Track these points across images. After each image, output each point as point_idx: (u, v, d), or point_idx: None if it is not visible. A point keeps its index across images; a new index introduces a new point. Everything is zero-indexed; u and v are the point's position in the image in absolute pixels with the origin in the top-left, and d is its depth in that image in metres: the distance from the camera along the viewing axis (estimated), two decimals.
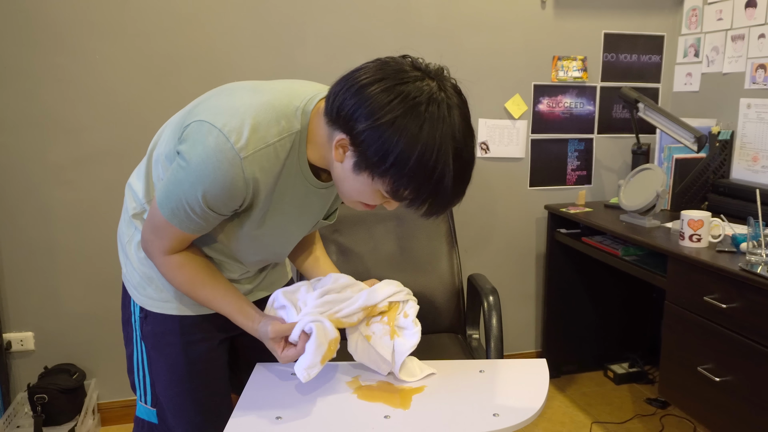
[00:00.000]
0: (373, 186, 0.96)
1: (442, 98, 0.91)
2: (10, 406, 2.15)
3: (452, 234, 2.19)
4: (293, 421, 1.02)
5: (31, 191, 2.17)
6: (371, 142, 0.90)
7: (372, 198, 0.99)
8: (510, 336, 2.78)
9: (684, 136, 2.24)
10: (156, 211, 1.04)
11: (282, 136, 0.99)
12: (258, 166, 0.97)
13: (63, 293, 2.25)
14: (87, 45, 2.13)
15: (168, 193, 1.00)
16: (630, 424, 2.36)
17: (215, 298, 1.12)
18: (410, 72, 0.92)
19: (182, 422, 1.22)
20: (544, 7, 2.53)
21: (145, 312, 1.20)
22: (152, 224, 1.06)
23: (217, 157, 0.94)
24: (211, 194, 0.97)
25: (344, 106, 0.93)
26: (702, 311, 1.78)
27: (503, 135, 2.58)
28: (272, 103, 1.00)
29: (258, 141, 0.96)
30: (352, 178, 0.97)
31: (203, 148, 0.95)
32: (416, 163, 0.89)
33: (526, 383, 1.14)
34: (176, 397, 1.21)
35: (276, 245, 1.17)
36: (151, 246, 1.09)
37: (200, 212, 1.00)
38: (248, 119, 0.96)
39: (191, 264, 1.10)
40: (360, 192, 0.99)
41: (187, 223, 1.02)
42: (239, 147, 0.94)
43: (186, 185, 0.97)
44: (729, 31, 2.43)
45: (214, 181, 0.95)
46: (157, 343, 1.20)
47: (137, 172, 1.18)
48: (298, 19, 2.30)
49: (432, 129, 0.89)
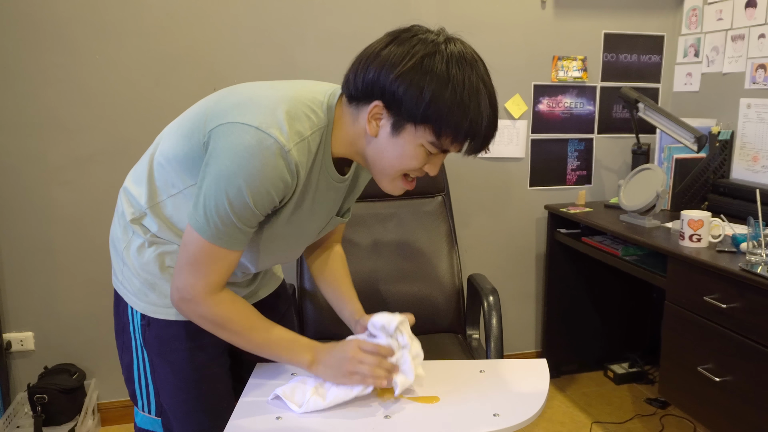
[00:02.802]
0: (416, 140, 0.97)
1: (454, 39, 0.98)
2: (10, 406, 2.15)
3: (452, 234, 2.19)
4: (293, 422, 1.02)
5: (31, 191, 2.17)
6: (404, 90, 0.94)
7: (415, 156, 0.99)
8: (510, 336, 2.78)
9: (684, 136, 2.24)
10: (193, 245, 1.00)
11: (313, 130, 1.00)
12: (301, 158, 0.98)
13: (63, 293, 2.25)
14: (87, 45, 2.13)
15: (207, 212, 0.97)
16: (630, 424, 2.36)
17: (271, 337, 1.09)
18: (417, 29, 0.98)
19: (190, 428, 1.18)
20: (544, 7, 2.53)
21: (148, 319, 1.15)
22: (191, 262, 1.01)
23: (264, 154, 0.93)
24: (258, 192, 0.95)
25: (367, 75, 0.96)
26: (702, 311, 1.78)
27: (503, 135, 2.58)
28: (298, 98, 1.01)
29: (295, 135, 0.97)
30: (393, 143, 0.99)
31: (244, 148, 0.93)
32: (451, 97, 0.93)
33: (527, 383, 1.14)
34: (184, 404, 1.17)
35: (292, 245, 1.15)
36: (192, 290, 1.02)
37: (250, 217, 0.98)
38: (281, 114, 0.96)
39: (239, 302, 1.07)
40: (402, 155, 0.99)
41: (235, 237, 0.99)
42: (283, 141, 0.94)
43: (232, 191, 0.94)
44: (729, 31, 2.43)
45: (263, 177, 0.94)
46: (161, 350, 1.16)
47: (134, 177, 1.16)
48: (298, 19, 2.30)
49: (457, 64, 0.94)
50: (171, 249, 1.13)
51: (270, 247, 1.11)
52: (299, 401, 1.05)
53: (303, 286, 2.06)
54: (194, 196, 1.00)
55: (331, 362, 1.09)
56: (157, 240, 1.13)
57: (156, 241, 1.13)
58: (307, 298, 2.05)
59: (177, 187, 1.09)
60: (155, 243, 1.13)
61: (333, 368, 1.08)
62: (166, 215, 1.12)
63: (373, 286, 2.06)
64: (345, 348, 1.09)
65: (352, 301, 1.28)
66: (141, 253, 1.13)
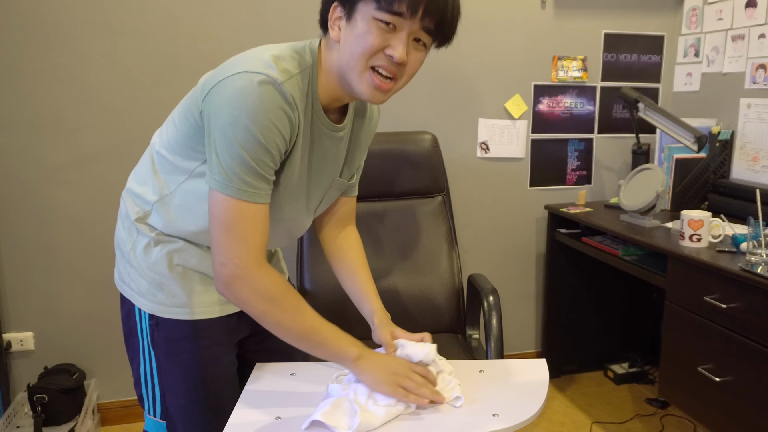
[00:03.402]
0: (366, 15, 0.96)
1: None
2: (9, 406, 2.15)
3: (452, 234, 2.19)
4: (293, 421, 1.02)
5: (31, 191, 2.17)
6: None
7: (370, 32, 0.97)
8: (510, 336, 2.78)
9: (684, 136, 2.24)
10: (220, 208, 0.98)
11: (302, 68, 1.02)
12: (295, 91, 0.99)
13: (63, 293, 2.25)
14: (87, 45, 2.13)
15: (225, 166, 0.96)
16: (630, 424, 2.36)
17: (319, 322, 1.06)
18: None
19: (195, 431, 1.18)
20: (544, 7, 2.53)
21: (156, 319, 1.14)
22: (224, 228, 0.98)
23: (257, 91, 0.94)
24: (265, 125, 0.95)
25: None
26: (702, 311, 1.78)
27: (503, 135, 2.58)
28: (280, 46, 1.03)
29: (283, 72, 0.98)
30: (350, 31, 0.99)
31: (238, 90, 0.94)
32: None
33: (526, 383, 1.14)
34: (190, 405, 1.17)
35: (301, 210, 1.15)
36: (240, 262, 0.98)
37: (266, 157, 0.97)
38: (267, 56, 0.98)
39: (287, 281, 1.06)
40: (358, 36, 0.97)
41: (259, 186, 0.98)
42: (273, 75, 0.96)
43: (241, 135, 0.94)
44: (729, 31, 2.43)
45: (265, 110, 0.94)
46: (169, 350, 1.15)
47: (137, 177, 1.16)
48: (298, 19, 2.30)
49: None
50: (177, 247, 1.13)
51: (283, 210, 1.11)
52: (347, 423, 0.98)
53: (303, 286, 2.06)
54: (208, 161, 0.99)
55: (380, 365, 1.06)
56: (163, 238, 1.13)
57: (162, 240, 1.13)
58: (307, 298, 2.04)
59: (184, 173, 1.09)
60: (161, 242, 1.13)
61: (380, 372, 1.05)
62: (172, 209, 1.12)
63: None
64: (398, 362, 1.08)
65: (371, 298, 1.27)
66: (147, 254, 1.13)
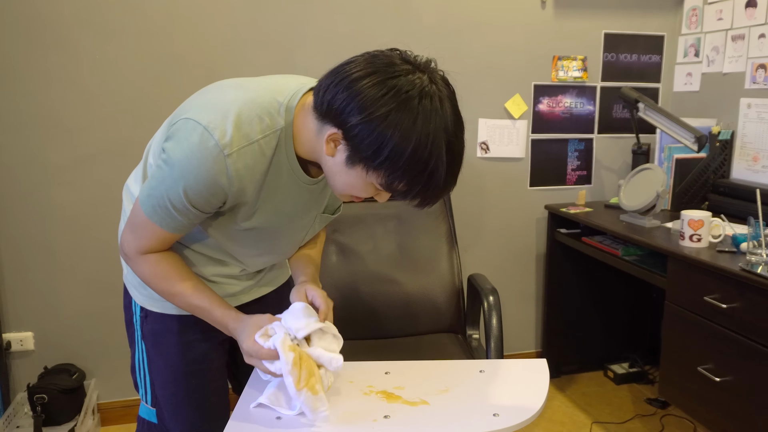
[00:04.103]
0: (367, 179, 0.96)
1: (434, 91, 0.92)
2: (9, 406, 2.15)
3: (452, 234, 2.19)
4: (293, 422, 1.02)
5: (31, 191, 2.17)
6: (365, 136, 0.91)
7: (364, 191, 1.00)
8: (510, 336, 2.78)
9: (684, 136, 2.24)
10: (138, 209, 1.04)
11: (266, 133, 0.99)
12: (242, 164, 0.97)
13: (63, 293, 2.25)
14: (87, 45, 2.13)
15: (151, 189, 1.01)
16: (630, 424, 2.36)
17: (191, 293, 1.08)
18: (400, 65, 0.93)
19: (179, 422, 1.22)
20: (544, 7, 2.53)
21: (146, 312, 1.21)
22: (133, 223, 1.06)
23: (202, 154, 0.95)
24: (193, 191, 0.97)
25: (335, 100, 0.93)
26: (702, 311, 1.78)
27: (503, 135, 2.58)
28: (255, 100, 1.00)
29: (242, 138, 0.96)
30: (345, 172, 0.97)
31: (188, 144, 0.95)
32: (410, 157, 0.90)
33: (527, 383, 1.14)
34: (173, 396, 1.22)
35: (277, 244, 1.17)
36: (127, 246, 1.08)
37: (182, 209, 1.00)
38: (231, 116, 0.96)
39: (166, 260, 1.09)
40: (352, 185, 0.99)
41: (168, 221, 1.02)
42: (223, 144, 0.95)
43: (169, 181, 0.97)
44: (729, 31, 2.43)
45: (197, 177, 0.95)
46: (156, 342, 1.21)
47: (135, 175, 1.19)
48: (298, 19, 2.30)
49: (425, 122, 0.90)
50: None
51: (244, 243, 1.12)
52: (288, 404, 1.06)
53: None
54: (149, 170, 1.08)
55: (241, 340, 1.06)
56: None
57: None
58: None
59: None
60: None
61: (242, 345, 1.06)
62: None
63: (372, 286, 2.06)
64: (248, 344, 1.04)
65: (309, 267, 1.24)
66: None
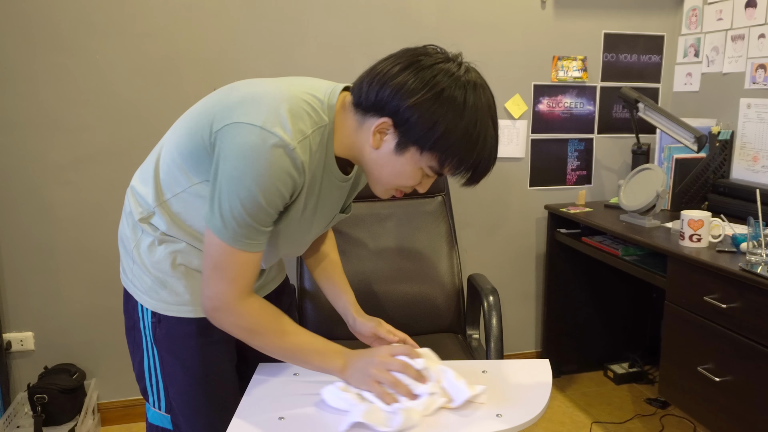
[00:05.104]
0: (418, 163, 1.00)
1: (472, 76, 1.00)
2: (10, 406, 2.15)
3: (452, 234, 2.19)
4: (296, 422, 1.02)
5: (32, 191, 2.17)
6: (419, 117, 0.95)
7: (412, 177, 1.03)
8: (510, 336, 2.78)
9: (684, 136, 2.24)
10: (214, 249, 1.00)
11: (314, 128, 1.01)
12: (305, 156, 0.99)
13: (63, 293, 2.25)
14: (87, 45, 2.12)
15: (224, 215, 0.98)
16: (630, 424, 2.36)
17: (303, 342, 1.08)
18: (436, 55, 1.00)
19: (198, 425, 1.19)
20: (544, 7, 2.54)
21: (159, 316, 1.16)
22: (216, 267, 1.01)
23: (269, 153, 0.94)
24: (269, 189, 0.96)
25: (382, 92, 0.97)
26: (702, 311, 1.78)
27: (503, 135, 2.58)
28: (299, 96, 1.01)
29: (297, 133, 0.98)
30: (393, 160, 1.01)
31: (249, 148, 0.94)
32: (463, 132, 0.96)
33: (529, 384, 1.14)
34: (192, 400, 1.18)
35: (299, 241, 1.17)
36: (225, 296, 1.02)
37: (265, 216, 0.99)
38: (283, 111, 0.97)
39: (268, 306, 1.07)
40: (400, 173, 1.02)
41: (254, 237, 1.00)
42: (287, 139, 0.95)
43: (243, 194, 0.95)
44: (729, 31, 2.43)
45: (272, 175, 0.95)
46: (172, 347, 1.17)
47: (141, 176, 1.17)
48: (298, 19, 2.29)
49: (475, 99, 0.97)
50: (180, 247, 1.13)
51: (279, 244, 1.13)
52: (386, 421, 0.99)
53: (303, 286, 2.06)
54: (209, 199, 1.00)
55: (359, 365, 1.08)
56: (166, 238, 1.14)
57: (165, 239, 1.14)
58: (307, 297, 2.04)
59: (181, 185, 1.09)
60: (165, 241, 1.14)
61: (361, 371, 1.07)
62: (174, 212, 1.12)
63: (372, 286, 2.06)
64: (374, 352, 1.09)
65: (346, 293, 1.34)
66: (152, 251, 1.14)
